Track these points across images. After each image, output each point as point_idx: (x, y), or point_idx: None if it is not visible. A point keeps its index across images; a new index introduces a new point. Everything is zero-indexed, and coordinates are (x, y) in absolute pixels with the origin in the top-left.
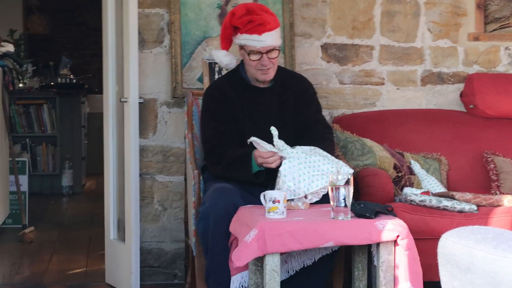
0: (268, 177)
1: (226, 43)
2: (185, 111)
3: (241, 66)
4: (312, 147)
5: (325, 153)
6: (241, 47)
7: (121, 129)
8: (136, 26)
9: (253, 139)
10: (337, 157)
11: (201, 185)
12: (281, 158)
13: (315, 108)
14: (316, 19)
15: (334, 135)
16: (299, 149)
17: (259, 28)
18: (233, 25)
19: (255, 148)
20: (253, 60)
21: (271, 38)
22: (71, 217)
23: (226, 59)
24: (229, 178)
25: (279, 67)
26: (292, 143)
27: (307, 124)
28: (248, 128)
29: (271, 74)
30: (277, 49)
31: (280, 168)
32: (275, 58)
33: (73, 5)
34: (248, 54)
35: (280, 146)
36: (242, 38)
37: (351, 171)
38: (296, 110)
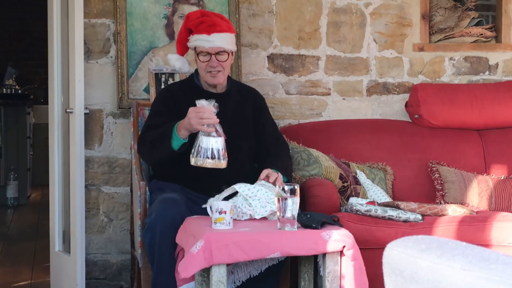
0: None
1: (182, 48)
2: (131, 121)
3: (195, 73)
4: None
5: None
6: (194, 50)
7: (66, 140)
8: (81, 36)
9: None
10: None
11: (147, 196)
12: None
13: (273, 123)
14: (263, 30)
15: None
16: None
17: (209, 28)
18: (188, 28)
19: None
20: (202, 62)
21: (220, 40)
22: (16, 229)
23: (178, 63)
24: (154, 156)
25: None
26: (243, 151)
27: (268, 141)
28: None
29: (220, 78)
30: (227, 52)
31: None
32: (225, 61)
33: (18, 14)
34: (198, 55)
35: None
36: (194, 40)
37: None
38: (254, 122)
